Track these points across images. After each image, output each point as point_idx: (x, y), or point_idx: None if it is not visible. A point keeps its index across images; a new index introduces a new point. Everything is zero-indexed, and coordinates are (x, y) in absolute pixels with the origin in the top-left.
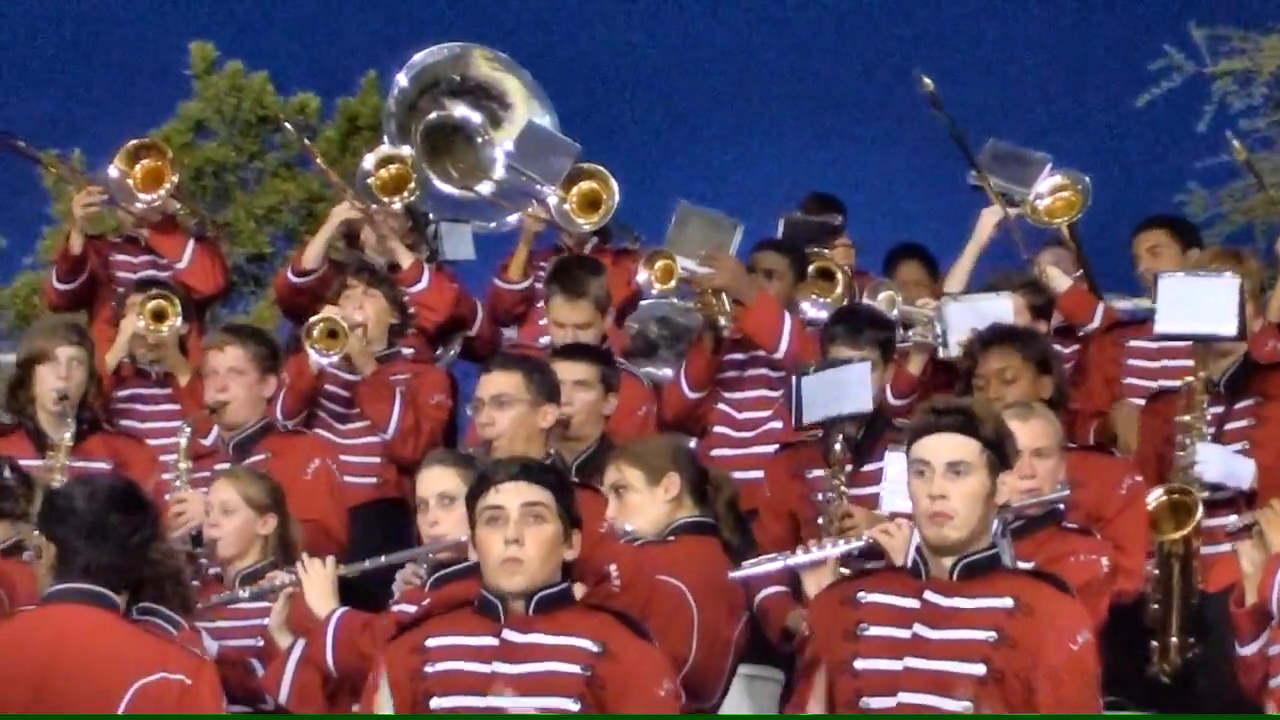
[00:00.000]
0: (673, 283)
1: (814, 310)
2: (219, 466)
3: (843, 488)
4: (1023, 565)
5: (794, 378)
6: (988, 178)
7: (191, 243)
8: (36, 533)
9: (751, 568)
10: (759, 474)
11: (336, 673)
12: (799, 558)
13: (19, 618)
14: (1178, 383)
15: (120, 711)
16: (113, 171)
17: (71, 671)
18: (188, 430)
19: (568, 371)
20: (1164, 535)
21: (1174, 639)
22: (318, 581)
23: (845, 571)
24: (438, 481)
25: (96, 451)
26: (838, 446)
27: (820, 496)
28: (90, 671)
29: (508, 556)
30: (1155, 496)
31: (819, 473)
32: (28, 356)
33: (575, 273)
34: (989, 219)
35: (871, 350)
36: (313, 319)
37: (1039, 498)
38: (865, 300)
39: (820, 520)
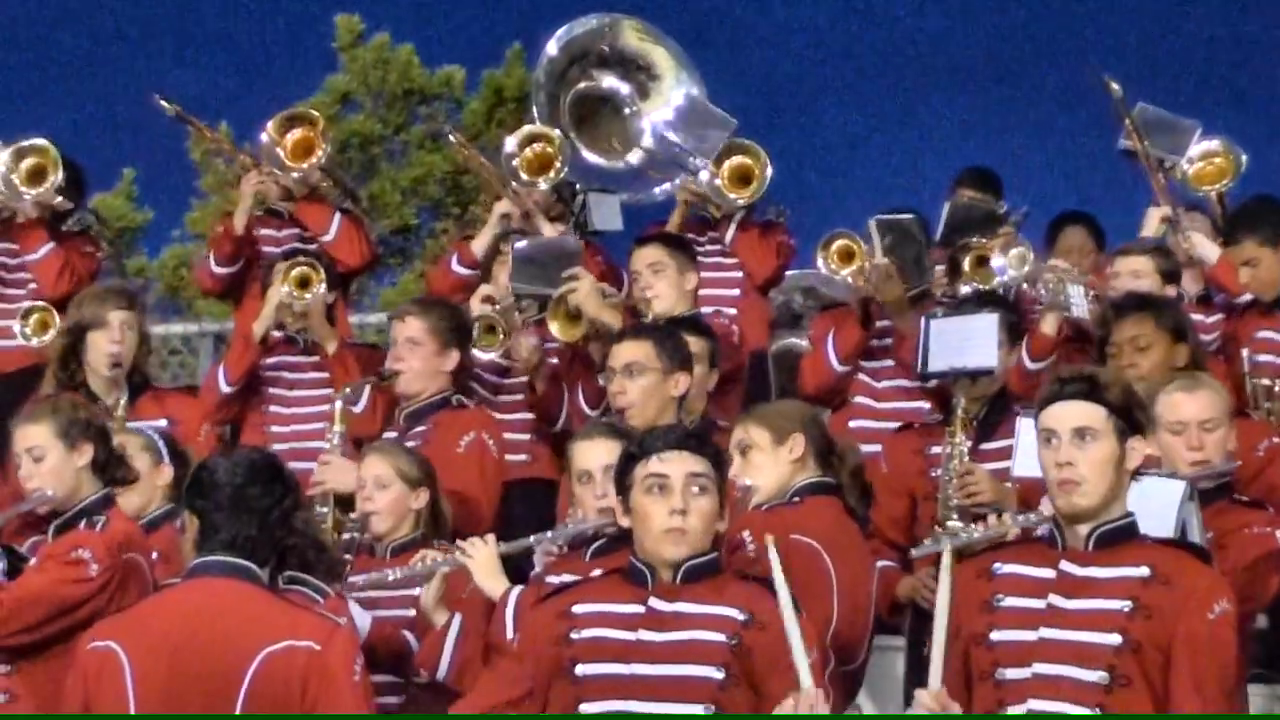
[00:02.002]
0: (855, 265)
1: None
2: (388, 435)
3: (963, 446)
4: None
5: (924, 319)
6: (1144, 142)
7: (338, 215)
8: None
9: (929, 547)
10: None
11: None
12: (978, 533)
13: (164, 593)
14: None
15: (247, 681)
16: (264, 140)
17: (203, 644)
18: (345, 393)
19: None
20: None
21: None
22: (485, 561)
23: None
24: (605, 453)
25: (148, 411)
26: (960, 409)
27: (938, 472)
28: (220, 643)
29: (673, 526)
30: None
31: (939, 449)
32: (78, 323)
33: (649, 226)
34: (1154, 216)
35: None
36: (473, 316)
37: (1209, 470)
38: (996, 255)
39: (939, 478)
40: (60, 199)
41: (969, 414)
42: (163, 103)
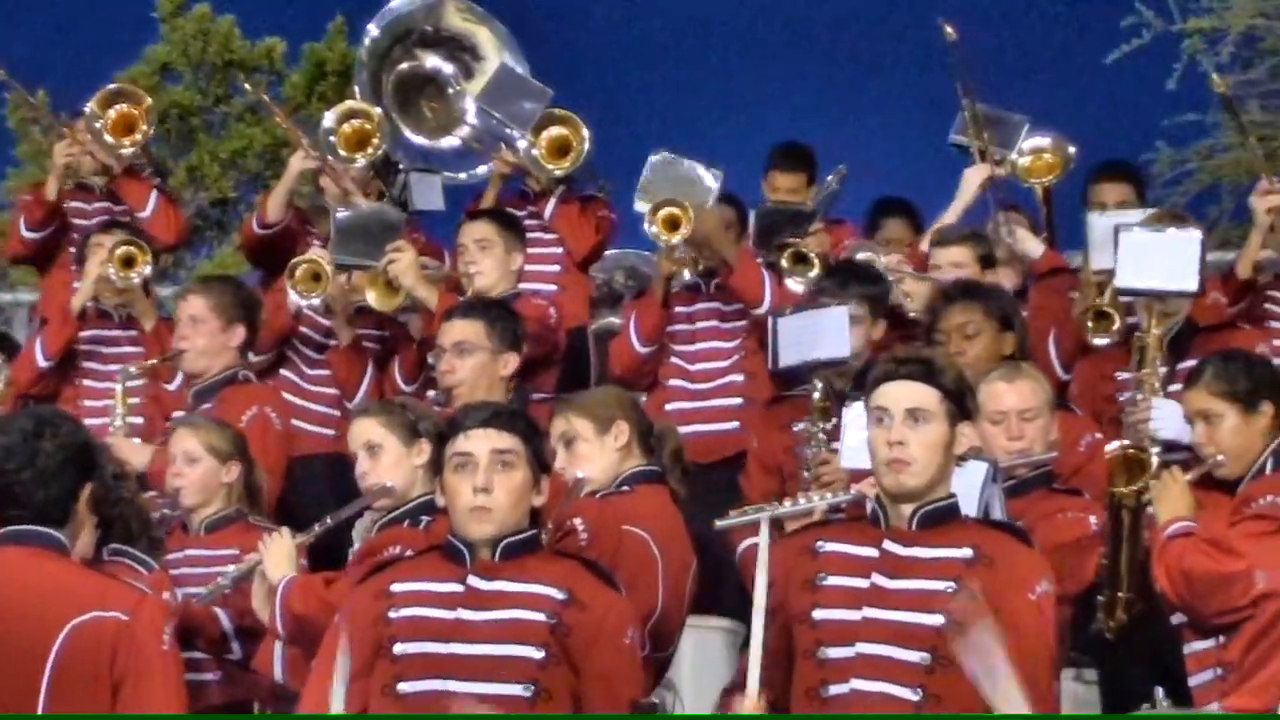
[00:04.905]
0: (681, 233)
1: (797, 287)
2: (177, 414)
3: (821, 435)
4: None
5: (771, 318)
6: (980, 131)
7: (155, 193)
8: None
9: (737, 518)
10: (720, 426)
11: (286, 638)
12: (785, 508)
13: None
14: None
15: (54, 653)
16: (86, 113)
17: (6, 616)
18: (131, 371)
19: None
20: (1117, 488)
21: (1121, 595)
22: (274, 553)
23: None
24: (362, 432)
25: None
26: (817, 394)
27: (806, 450)
28: (25, 615)
29: (476, 505)
30: (1111, 449)
31: (804, 425)
32: None
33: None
34: (974, 177)
35: (859, 305)
36: (296, 259)
37: (1027, 458)
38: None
39: (804, 472)
40: None
41: (835, 390)
42: None
